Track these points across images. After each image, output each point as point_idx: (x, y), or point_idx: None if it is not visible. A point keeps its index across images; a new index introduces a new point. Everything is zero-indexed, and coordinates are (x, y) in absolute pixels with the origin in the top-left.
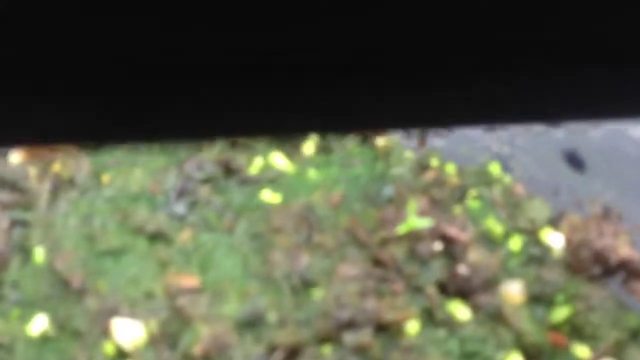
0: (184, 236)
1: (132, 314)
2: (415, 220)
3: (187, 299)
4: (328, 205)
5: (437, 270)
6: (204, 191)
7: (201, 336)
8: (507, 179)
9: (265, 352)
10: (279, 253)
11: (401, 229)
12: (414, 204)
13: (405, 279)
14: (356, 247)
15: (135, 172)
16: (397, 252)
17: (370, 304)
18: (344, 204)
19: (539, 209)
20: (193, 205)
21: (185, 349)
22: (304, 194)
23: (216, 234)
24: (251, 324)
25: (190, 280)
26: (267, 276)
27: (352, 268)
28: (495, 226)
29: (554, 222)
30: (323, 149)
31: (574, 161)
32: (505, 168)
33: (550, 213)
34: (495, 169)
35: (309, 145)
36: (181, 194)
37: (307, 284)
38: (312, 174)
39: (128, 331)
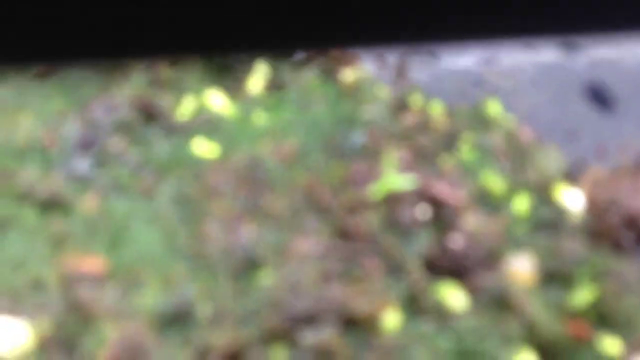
0: (88, 203)
1: (15, 310)
2: (394, 179)
3: (90, 289)
4: (280, 159)
5: (423, 243)
6: (114, 143)
7: (109, 339)
8: (511, 121)
9: (195, 357)
10: (214, 224)
11: (376, 190)
12: (392, 157)
13: (382, 255)
14: (316, 214)
15: (21, 118)
16: (371, 220)
17: (336, 290)
18: (301, 157)
19: (552, 160)
20: (100, 161)
21: (87, 356)
22: (249, 144)
23: (131, 199)
24: (176, 320)
25: (95, 263)
26: (198, 255)
27: (311, 242)
28: (496, 183)
29: (572, 177)
30: (273, 85)
31: (598, 97)
32: (508, 107)
33: (566, 164)
34: (494, 108)
35: (256, 81)
36: (84, 146)
37: (251, 265)
38: (260, 118)
39: (9, 334)
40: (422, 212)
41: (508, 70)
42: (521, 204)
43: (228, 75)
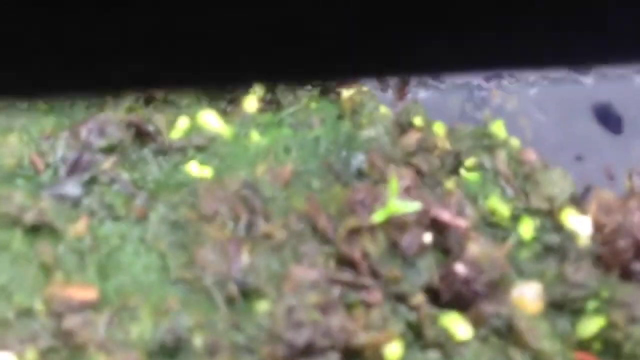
0: (78, 228)
1: (1, 342)
2: (397, 203)
3: (80, 319)
4: (277, 181)
5: (426, 270)
6: (106, 165)
7: None
8: (515, 142)
9: None
10: (209, 249)
11: (378, 215)
12: (395, 180)
13: (384, 284)
14: (316, 240)
15: (10, 139)
16: (373, 247)
17: (336, 320)
18: (298, 180)
19: (558, 183)
20: (91, 184)
21: None
22: (245, 166)
23: (123, 223)
24: (171, 351)
25: (85, 291)
26: (193, 282)
27: (310, 270)
28: (501, 207)
29: (579, 201)
30: (270, 105)
31: (607, 118)
32: (513, 128)
33: (573, 188)
34: (498, 129)
35: (251, 100)
36: (74, 168)
37: (248, 293)
38: (256, 138)
39: None
40: (426, 238)
41: (512, 90)
42: (526, 229)
43: (223, 95)
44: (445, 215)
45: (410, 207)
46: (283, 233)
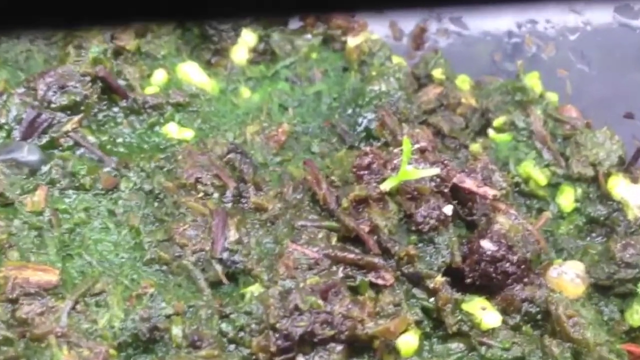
0: (35, 200)
1: None
2: (412, 170)
3: (39, 305)
4: (270, 144)
5: (446, 248)
6: (68, 126)
7: None
8: (553, 97)
9: None
10: (190, 225)
11: (388, 182)
12: (408, 142)
13: (396, 264)
14: (315, 213)
15: None
16: (382, 220)
17: (339, 306)
18: (296, 142)
19: (604, 145)
20: (50, 148)
21: None
22: (232, 127)
23: (88, 195)
24: (145, 343)
25: (44, 274)
26: (171, 263)
27: (308, 248)
28: (536, 173)
29: (629, 166)
30: (263, 56)
31: None
32: (550, 81)
33: (622, 151)
34: (534, 82)
35: (240, 50)
36: (30, 130)
37: (236, 276)
38: (246, 94)
39: None
40: (445, 210)
41: (549, 36)
42: (566, 199)
43: (208, 45)
44: (469, 183)
45: (426, 173)
46: (277, 204)
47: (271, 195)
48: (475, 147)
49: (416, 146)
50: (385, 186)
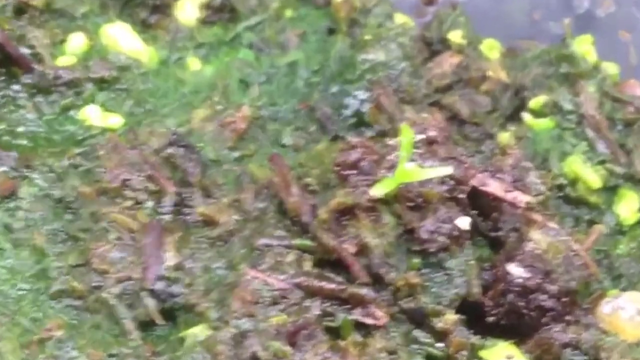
0: None
1: None
2: (413, 168)
3: None
4: (226, 135)
5: (461, 275)
6: None
7: None
8: (613, 69)
9: None
10: (113, 244)
11: (382, 185)
12: (408, 131)
13: (392, 296)
14: (283, 227)
15: None
16: (373, 237)
17: (314, 356)
18: (261, 132)
19: None
20: None
21: None
22: (175, 110)
23: None
24: None
25: None
26: (86, 297)
27: (273, 275)
28: (587, 173)
29: None
30: (219, 14)
31: None
32: (608, 48)
33: None
34: (585, 49)
35: (188, 3)
36: None
37: (175, 313)
38: (195, 66)
39: None
40: (461, 224)
41: None
42: (628, 208)
43: (143, 1)
44: (494, 186)
45: (434, 173)
46: (232, 216)
47: (225, 203)
48: (504, 137)
49: (420, 137)
50: (378, 191)
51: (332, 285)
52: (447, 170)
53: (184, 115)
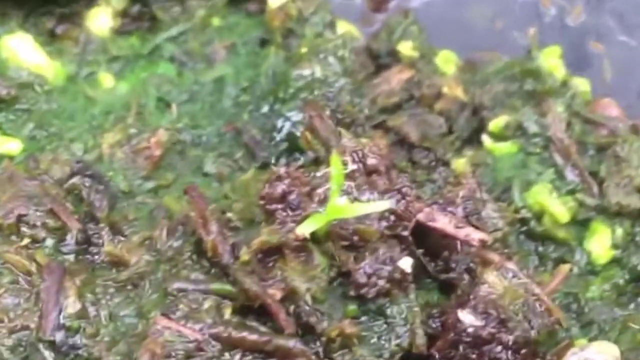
0: None
1: None
2: (345, 203)
3: None
4: (139, 162)
5: (404, 323)
6: None
7: None
8: (584, 84)
9: None
10: (5, 289)
11: (310, 222)
12: (338, 161)
13: (325, 349)
14: (202, 269)
15: None
16: (304, 280)
17: None
18: (180, 157)
19: None
20: None
21: None
22: (82, 133)
23: None
24: None
25: None
26: None
27: (188, 324)
28: (554, 205)
29: None
30: (137, 22)
31: None
32: (579, 58)
33: None
34: (553, 60)
35: (102, 12)
36: None
37: None
38: (107, 83)
39: None
40: (403, 265)
41: None
42: (600, 244)
43: (51, 7)
44: (443, 222)
45: (368, 207)
46: (143, 256)
47: (135, 242)
48: (460, 163)
49: (355, 167)
50: (307, 228)
51: (255, 336)
52: (386, 204)
53: (93, 140)
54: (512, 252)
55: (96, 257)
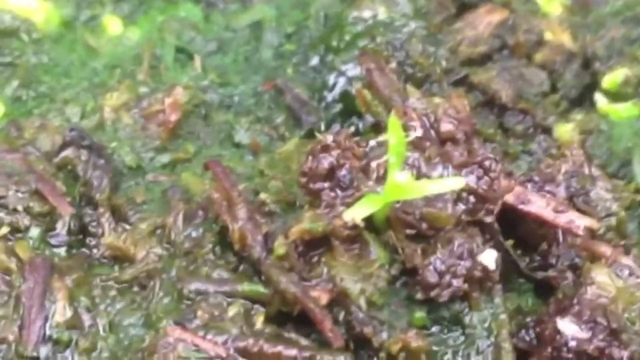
0: None
1: None
2: (407, 179)
3: None
4: (150, 129)
5: (487, 335)
6: None
7: None
8: None
9: None
10: None
11: (362, 205)
12: (397, 125)
13: None
14: (226, 265)
15: None
16: (357, 279)
17: None
18: (204, 123)
19: None
20: None
21: None
22: (80, 93)
23: None
24: None
25: None
26: None
27: (208, 336)
28: None
29: None
30: None
31: None
32: None
33: None
34: None
35: None
36: None
37: None
38: (114, 28)
39: None
40: (485, 260)
41: None
42: None
43: None
44: (539, 205)
45: (438, 186)
46: (152, 249)
47: (144, 231)
48: (565, 130)
49: (416, 134)
50: (357, 213)
51: (294, 352)
52: (461, 182)
53: (93, 102)
54: (630, 243)
55: (94, 250)
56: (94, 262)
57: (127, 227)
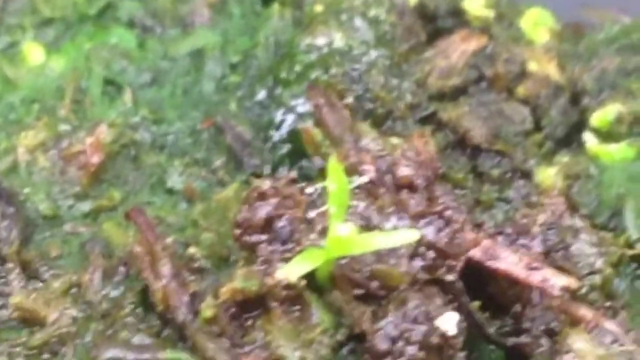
0: None
1: None
2: (351, 234)
3: None
4: (69, 173)
5: None
6: None
7: None
8: None
9: None
10: None
11: (308, 259)
12: (338, 170)
13: None
14: (149, 330)
15: None
16: (297, 348)
17: None
18: (134, 165)
19: None
20: None
21: None
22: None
23: None
24: None
25: None
26: None
27: None
28: None
29: None
30: None
31: None
32: None
33: None
34: None
35: None
36: None
37: None
38: (35, 57)
39: None
40: (444, 324)
41: None
42: None
43: None
44: (509, 261)
45: (387, 240)
46: (66, 311)
47: (57, 290)
48: (547, 175)
49: (361, 181)
50: (295, 271)
51: None
52: (414, 235)
53: (6, 141)
54: (617, 305)
55: (0, 312)
56: (0, 325)
57: (39, 284)
